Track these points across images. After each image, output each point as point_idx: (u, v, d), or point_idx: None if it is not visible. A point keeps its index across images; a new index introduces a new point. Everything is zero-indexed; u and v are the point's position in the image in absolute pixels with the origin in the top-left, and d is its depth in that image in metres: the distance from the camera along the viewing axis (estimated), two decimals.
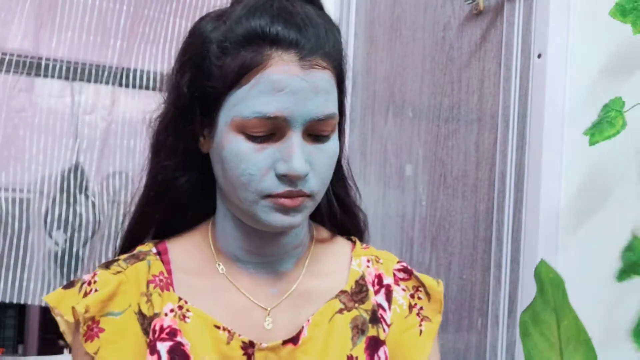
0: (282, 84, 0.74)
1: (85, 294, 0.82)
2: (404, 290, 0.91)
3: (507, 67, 1.40)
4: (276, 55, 0.75)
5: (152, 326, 0.80)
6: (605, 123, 1.14)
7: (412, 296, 0.91)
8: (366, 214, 0.98)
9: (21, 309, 2.65)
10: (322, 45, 0.77)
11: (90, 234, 1.71)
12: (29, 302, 1.65)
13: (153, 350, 0.79)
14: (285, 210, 0.77)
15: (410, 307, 0.90)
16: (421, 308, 0.91)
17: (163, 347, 0.79)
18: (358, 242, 0.93)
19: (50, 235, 1.69)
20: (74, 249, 1.70)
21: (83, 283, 0.83)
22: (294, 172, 0.75)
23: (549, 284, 1.04)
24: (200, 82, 0.79)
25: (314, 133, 0.78)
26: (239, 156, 0.77)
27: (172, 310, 0.81)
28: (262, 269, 0.86)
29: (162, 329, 0.80)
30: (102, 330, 0.80)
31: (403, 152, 1.73)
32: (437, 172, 1.60)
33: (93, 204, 1.72)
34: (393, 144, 1.77)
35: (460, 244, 1.51)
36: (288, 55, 0.75)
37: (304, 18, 0.77)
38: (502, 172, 1.40)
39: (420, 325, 0.90)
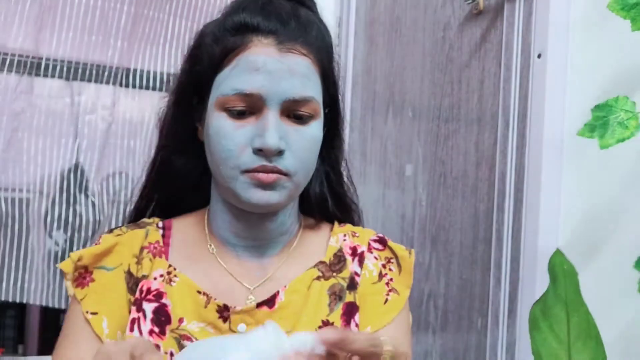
0: (259, 63, 0.80)
1: None
2: (376, 258, 0.93)
3: (507, 67, 1.40)
4: (256, 40, 0.82)
5: (139, 286, 0.86)
6: (616, 124, 1.11)
7: (383, 266, 0.93)
8: (365, 213, 1.00)
9: (21, 309, 2.65)
10: (302, 35, 0.83)
11: (90, 234, 1.71)
12: (30, 302, 1.65)
13: (139, 308, 0.85)
14: (262, 185, 0.81)
15: (381, 275, 0.92)
16: (391, 279, 0.92)
17: (149, 307, 0.85)
18: (337, 223, 0.97)
19: (50, 236, 1.69)
20: (74, 249, 1.70)
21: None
22: (266, 146, 0.79)
23: (563, 275, 1.03)
24: (194, 68, 0.87)
25: (293, 114, 0.82)
26: (219, 133, 0.82)
27: (161, 276, 0.87)
28: (248, 252, 0.90)
29: (149, 291, 0.86)
30: (93, 280, 0.87)
31: (403, 152, 1.73)
32: (437, 172, 1.60)
33: (93, 203, 1.72)
34: (393, 144, 1.77)
35: (460, 244, 1.51)
36: (267, 40, 0.82)
37: (289, 12, 0.84)
38: (502, 172, 1.40)
39: (387, 294, 0.91)
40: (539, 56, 1.32)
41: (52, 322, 2.53)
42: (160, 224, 0.93)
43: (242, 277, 0.88)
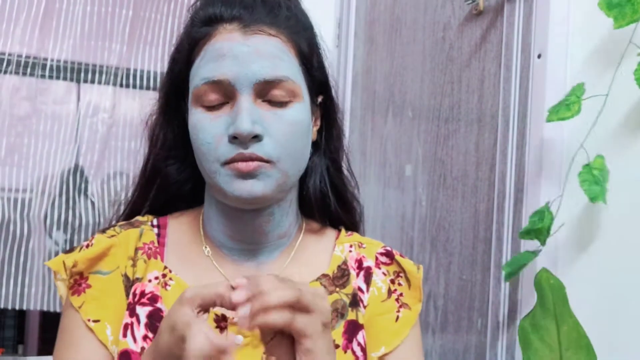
0: (224, 50, 0.79)
1: None
2: (384, 274, 0.90)
3: (507, 67, 1.40)
4: (221, 28, 0.80)
5: (132, 290, 0.83)
6: (564, 106, 1.20)
7: (392, 281, 0.90)
8: (365, 213, 0.97)
9: (21, 310, 2.65)
10: (269, 17, 0.81)
11: (90, 234, 1.71)
12: (30, 308, 1.65)
13: (132, 312, 0.82)
14: (242, 175, 0.78)
15: (390, 292, 0.89)
16: (401, 294, 0.89)
17: (143, 311, 0.82)
18: (343, 230, 0.93)
19: (50, 236, 1.69)
20: None
21: (82, 247, 0.86)
22: (239, 131, 0.76)
23: (550, 290, 1.04)
24: (174, 67, 0.86)
25: (269, 97, 0.79)
26: (197, 127, 0.80)
27: (156, 278, 0.84)
28: (245, 256, 0.86)
29: (143, 294, 0.83)
30: (89, 286, 0.83)
31: (403, 152, 1.73)
32: (437, 172, 1.60)
33: (93, 204, 1.72)
34: (393, 144, 1.77)
35: (460, 244, 1.51)
36: (231, 26, 0.80)
37: None
38: (502, 172, 1.40)
39: (398, 311, 0.88)
40: (539, 56, 1.32)
41: (52, 322, 2.52)
42: (155, 222, 0.89)
43: None
